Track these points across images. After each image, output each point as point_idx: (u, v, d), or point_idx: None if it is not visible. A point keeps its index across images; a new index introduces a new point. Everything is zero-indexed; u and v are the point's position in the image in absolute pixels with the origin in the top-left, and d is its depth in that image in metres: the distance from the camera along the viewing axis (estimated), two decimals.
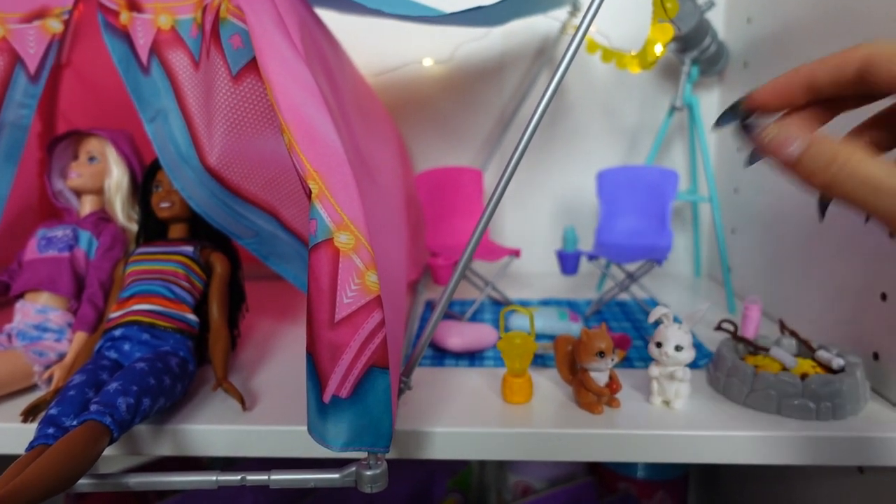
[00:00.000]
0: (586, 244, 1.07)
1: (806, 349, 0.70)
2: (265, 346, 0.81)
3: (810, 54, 0.78)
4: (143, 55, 0.64)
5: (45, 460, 0.45)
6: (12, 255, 0.76)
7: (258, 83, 0.59)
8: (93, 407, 0.52)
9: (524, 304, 0.99)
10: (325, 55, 0.66)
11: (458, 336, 0.77)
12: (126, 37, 0.64)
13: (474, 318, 0.93)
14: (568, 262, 0.91)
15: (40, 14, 0.65)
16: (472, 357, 0.78)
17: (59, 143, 0.78)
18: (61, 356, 0.69)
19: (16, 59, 0.64)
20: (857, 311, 0.71)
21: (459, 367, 0.75)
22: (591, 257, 0.90)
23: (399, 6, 0.67)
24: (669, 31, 0.65)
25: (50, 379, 0.66)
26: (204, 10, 0.61)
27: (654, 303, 0.98)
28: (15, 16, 0.64)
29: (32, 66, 0.65)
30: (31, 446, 0.50)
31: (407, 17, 0.67)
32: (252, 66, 0.59)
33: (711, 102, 1.12)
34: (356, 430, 0.50)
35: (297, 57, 0.53)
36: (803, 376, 0.63)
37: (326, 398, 0.49)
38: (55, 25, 0.65)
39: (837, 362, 0.65)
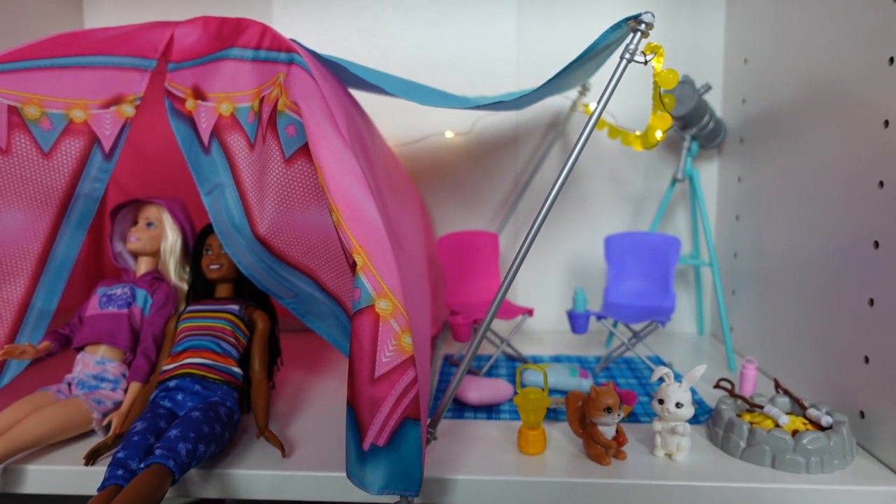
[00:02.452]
0: (595, 303, 1.14)
1: (798, 407, 0.76)
2: (298, 398, 0.88)
3: (800, 131, 0.88)
4: (205, 137, 0.73)
5: (124, 497, 0.52)
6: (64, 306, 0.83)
7: (307, 165, 0.68)
8: (157, 451, 0.59)
9: (536, 360, 1.06)
10: (363, 138, 0.75)
11: (476, 391, 0.83)
12: (190, 121, 0.73)
13: (490, 372, 0.99)
14: (578, 322, 0.97)
15: (117, 100, 0.74)
16: (490, 410, 0.84)
17: (120, 209, 0.86)
18: (117, 404, 0.76)
19: (94, 140, 0.73)
20: (844, 372, 0.77)
21: (478, 419, 0.81)
22: (600, 317, 0.96)
23: (433, 99, 0.76)
24: (668, 120, 0.73)
25: (108, 426, 0.73)
26: (261, 100, 0.70)
27: (659, 360, 1.04)
28: (96, 102, 0.73)
29: (108, 145, 0.74)
30: (103, 486, 0.57)
31: (439, 105, 0.76)
32: (303, 150, 0.67)
33: (711, 174, 1.20)
34: (391, 475, 0.56)
35: (345, 146, 0.62)
36: (794, 433, 0.68)
37: (366, 446, 0.56)
38: (129, 110, 0.74)
39: (826, 420, 0.71)
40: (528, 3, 1.20)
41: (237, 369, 0.76)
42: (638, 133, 0.99)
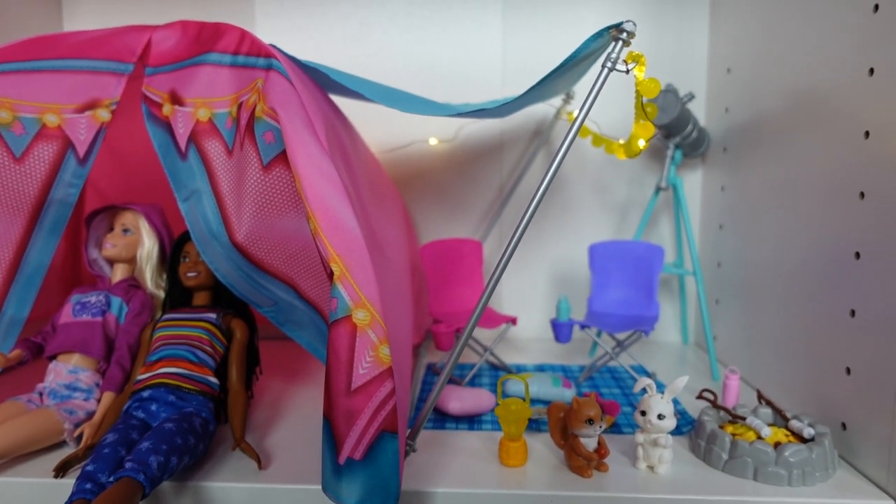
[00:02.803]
0: (579, 311, 1.14)
1: (780, 418, 0.76)
2: (276, 407, 0.86)
3: (783, 141, 0.88)
4: (182, 143, 0.71)
5: None
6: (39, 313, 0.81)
7: (285, 172, 0.67)
8: (127, 465, 0.58)
9: (519, 368, 1.05)
10: (344, 145, 0.74)
11: (458, 401, 0.82)
12: (167, 126, 0.72)
13: (473, 381, 0.99)
14: (562, 331, 0.97)
15: (92, 105, 0.72)
16: (472, 421, 0.83)
17: (96, 215, 0.85)
18: (89, 414, 0.75)
19: (68, 145, 0.72)
20: (826, 382, 0.77)
21: (459, 430, 0.80)
22: (584, 326, 0.96)
23: (416, 107, 0.75)
24: (651, 129, 0.73)
25: (79, 437, 0.71)
26: (239, 106, 0.69)
27: (642, 370, 1.03)
28: (70, 107, 0.71)
29: (82, 150, 0.72)
30: (70, 500, 0.56)
31: (422, 113, 0.75)
32: (280, 158, 0.66)
33: (695, 183, 1.20)
34: (368, 489, 0.55)
35: (323, 154, 0.61)
36: (776, 445, 0.68)
37: (342, 459, 0.55)
38: (104, 115, 0.73)
39: (808, 432, 0.71)
40: (513, 9, 1.20)
41: (213, 379, 0.74)
42: (622, 141, 0.99)
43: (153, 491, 0.60)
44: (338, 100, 0.94)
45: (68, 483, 0.64)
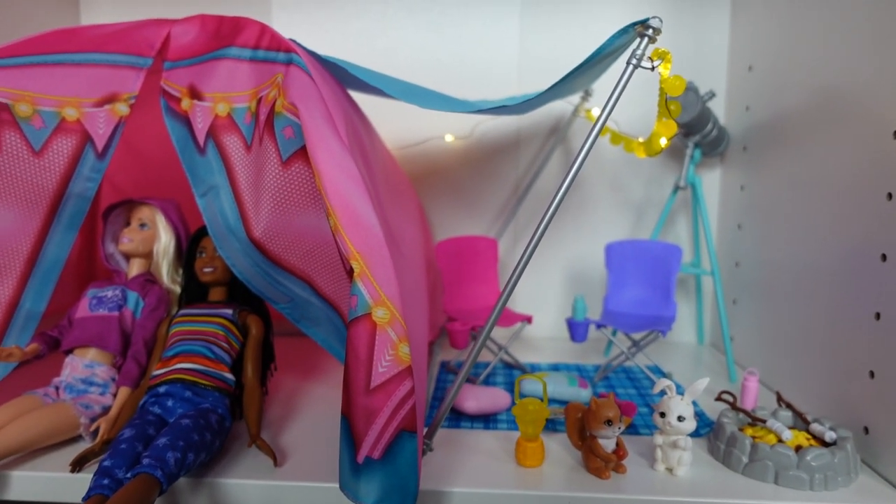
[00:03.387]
0: (594, 311, 1.13)
1: (801, 421, 0.75)
2: (291, 404, 0.86)
3: (805, 140, 0.86)
4: (201, 138, 0.71)
5: None
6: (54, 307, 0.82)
7: (304, 168, 0.66)
8: (145, 461, 0.57)
9: (534, 368, 1.04)
10: (363, 141, 0.73)
11: (473, 400, 0.82)
12: (186, 121, 0.71)
13: (487, 380, 0.98)
14: (577, 330, 0.96)
15: (111, 99, 0.72)
16: (487, 420, 0.82)
17: (113, 210, 0.85)
18: (105, 409, 0.75)
19: (87, 139, 0.71)
20: (848, 386, 0.76)
21: (475, 429, 0.79)
22: (599, 326, 0.95)
23: (434, 103, 0.75)
24: (673, 127, 0.72)
25: (95, 431, 0.71)
26: (259, 101, 0.69)
27: (658, 370, 1.02)
28: (89, 101, 0.71)
29: (101, 144, 0.72)
30: (88, 495, 0.55)
31: (441, 109, 0.74)
32: (300, 153, 0.66)
33: (713, 182, 1.19)
34: (386, 488, 0.55)
35: (344, 150, 0.60)
36: (798, 448, 0.67)
37: (360, 458, 0.54)
38: (123, 109, 0.73)
39: (830, 435, 0.70)
40: (531, 6, 1.18)
41: (229, 375, 0.74)
42: (641, 140, 0.98)
43: (170, 487, 0.59)
44: (354, 95, 0.94)
45: (85, 478, 0.64)
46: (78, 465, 0.65)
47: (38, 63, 0.70)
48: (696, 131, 1.04)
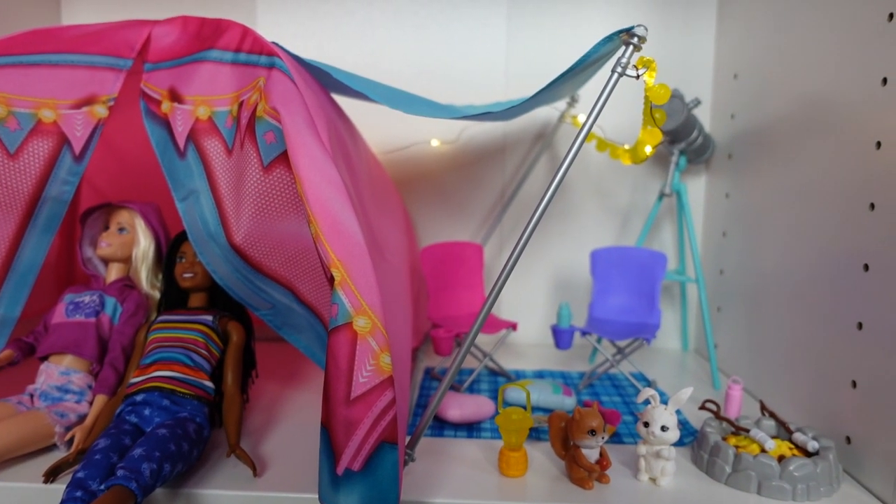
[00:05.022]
0: (580, 316, 1.13)
1: (784, 431, 0.75)
2: (272, 412, 0.85)
3: (790, 149, 0.87)
4: (181, 141, 0.70)
5: None
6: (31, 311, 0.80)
7: (286, 174, 0.65)
8: (119, 472, 0.56)
9: (519, 375, 1.04)
10: (346, 147, 0.73)
11: (457, 408, 0.81)
12: (166, 123, 0.70)
13: (471, 387, 0.97)
14: (562, 337, 0.95)
15: (89, 101, 0.71)
16: (471, 428, 0.81)
17: (91, 213, 0.83)
18: (81, 417, 0.73)
19: (64, 141, 0.70)
20: (831, 395, 0.76)
21: (458, 437, 0.79)
22: (584, 333, 0.95)
23: (419, 108, 0.74)
24: (658, 135, 0.72)
25: (70, 440, 0.70)
26: (240, 105, 0.68)
27: (643, 377, 1.02)
28: (66, 102, 0.70)
29: (78, 147, 0.71)
30: None
31: (425, 115, 0.73)
32: (281, 158, 0.65)
33: (698, 189, 1.19)
34: (366, 501, 0.54)
35: (326, 156, 0.60)
36: (780, 458, 0.67)
37: (340, 470, 0.54)
38: (101, 111, 0.71)
39: (813, 445, 0.70)
40: (517, 10, 1.18)
41: (209, 383, 0.73)
42: (627, 147, 0.98)
43: (145, 499, 0.58)
44: (339, 99, 0.93)
45: (58, 489, 0.63)
46: (51, 475, 0.64)
47: (14, 63, 0.69)
48: (682, 138, 1.04)
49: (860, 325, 0.71)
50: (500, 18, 1.18)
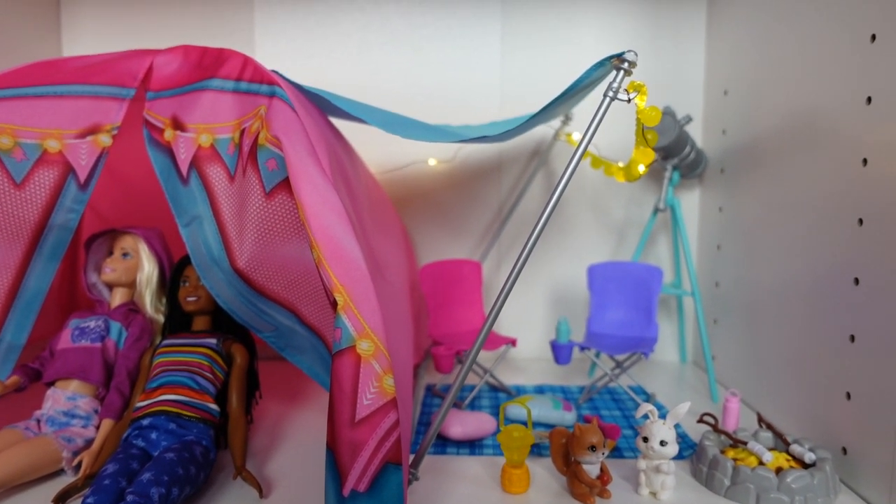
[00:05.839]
0: (578, 331, 1.14)
1: (781, 443, 0.76)
2: (277, 432, 0.86)
3: (780, 163, 0.88)
4: (184, 168, 0.71)
5: None
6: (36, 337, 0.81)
7: (288, 200, 0.67)
8: (129, 497, 0.57)
9: (520, 390, 1.05)
10: (346, 171, 0.74)
11: (460, 426, 0.82)
12: (168, 151, 0.72)
13: (472, 404, 0.98)
14: (561, 352, 0.97)
15: (93, 130, 0.72)
16: (473, 445, 0.82)
17: (95, 239, 0.84)
18: (88, 442, 0.74)
19: (69, 170, 0.71)
20: (826, 407, 0.77)
21: (460, 455, 0.80)
22: (583, 348, 0.96)
23: (416, 132, 0.76)
24: (650, 155, 0.74)
25: (78, 465, 0.70)
26: (242, 132, 0.69)
27: (641, 390, 1.03)
28: (72, 132, 0.71)
29: (83, 175, 0.72)
30: None
31: (422, 139, 0.75)
32: (283, 184, 0.66)
33: (692, 203, 1.21)
34: None
35: (327, 183, 0.61)
36: (778, 470, 0.68)
37: (346, 491, 0.55)
38: (105, 140, 0.73)
39: (809, 457, 0.71)
40: (511, 32, 1.20)
41: (214, 406, 0.74)
42: (621, 164, 0.99)
43: None
44: (337, 122, 0.94)
45: None
46: (60, 500, 0.64)
47: (20, 96, 0.70)
48: (675, 154, 1.06)
49: (852, 338, 0.72)
50: (494, 39, 1.21)
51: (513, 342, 0.99)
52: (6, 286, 0.72)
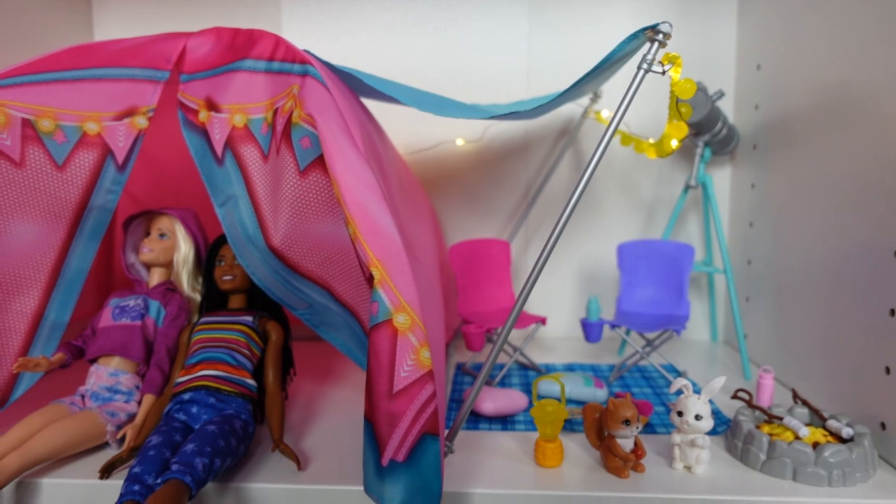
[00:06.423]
0: (608, 310, 1.14)
1: (817, 418, 0.75)
2: (311, 408, 0.87)
3: (815, 138, 0.87)
4: (219, 148, 0.72)
5: None
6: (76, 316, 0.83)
7: (322, 177, 0.68)
8: (174, 466, 0.59)
9: (549, 368, 1.05)
10: (378, 149, 0.75)
11: (491, 402, 0.83)
12: (203, 132, 0.73)
13: (502, 382, 0.99)
14: (592, 331, 0.97)
15: (130, 112, 0.74)
16: (505, 421, 0.83)
17: (133, 220, 0.86)
18: (130, 416, 0.76)
19: (107, 152, 0.73)
20: (864, 382, 0.76)
21: (493, 430, 0.80)
22: (613, 326, 0.96)
23: (448, 110, 0.76)
24: (684, 129, 0.73)
25: (122, 438, 0.73)
26: (275, 112, 0.70)
27: (672, 368, 1.03)
28: (109, 114, 0.73)
29: (121, 157, 0.74)
30: (120, 501, 0.57)
31: (455, 116, 0.75)
32: (317, 162, 0.67)
33: (724, 180, 1.19)
34: (411, 491, 0.56)
35: (361, 159, 0.62)
36: (815, 445, 0.68)
37: (385, 462, 0.56)
38: (141, 122, 0.74)
39: (847, 432, 0.70)
40: (538, 11, 1.19)
41: (251, 381, 0.75)
42: (652, 140, 0.98)
43: (198, 493, 0.61)
44: (366, 101, 0.95)
45: (113, 484, 0.66)
46: (106, 472, 0.66)
47: (58, 79, 0.72)
48: (706, 130, 1.04)
49: (893, 312, 0.71)
50: (521, 19, 1.20)
51: (542, 321, 1.00)
52: (49, 266, 0.74)
